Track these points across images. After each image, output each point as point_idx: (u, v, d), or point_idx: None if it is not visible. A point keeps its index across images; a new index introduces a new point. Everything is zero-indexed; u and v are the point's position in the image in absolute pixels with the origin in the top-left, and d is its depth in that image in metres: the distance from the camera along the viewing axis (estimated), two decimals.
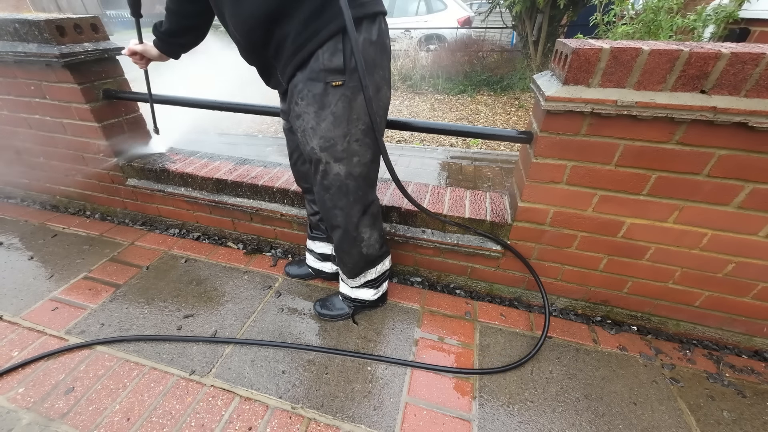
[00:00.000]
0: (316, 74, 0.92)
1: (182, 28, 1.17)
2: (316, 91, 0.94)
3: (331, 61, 0.89)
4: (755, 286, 1.20)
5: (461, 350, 1.33)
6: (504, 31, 7.38)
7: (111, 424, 1.08)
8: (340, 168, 1.05)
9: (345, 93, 0.94)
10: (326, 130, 0.99)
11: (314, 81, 0.93)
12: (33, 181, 2.08)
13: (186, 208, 1.86)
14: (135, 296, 1.54)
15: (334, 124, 0.98)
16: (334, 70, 0.90)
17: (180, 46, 1.24)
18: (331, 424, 1.10)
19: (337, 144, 1.01)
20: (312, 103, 0.96)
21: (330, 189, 1.10)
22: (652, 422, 1.12)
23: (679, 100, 0.91)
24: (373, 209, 1.21)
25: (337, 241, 1.24)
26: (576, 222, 1.24)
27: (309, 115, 0.98)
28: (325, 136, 1.00)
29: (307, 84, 0.94)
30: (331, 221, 1.19)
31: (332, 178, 1.07)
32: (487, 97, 5.28)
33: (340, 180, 1.07)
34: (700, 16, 2.64)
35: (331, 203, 1.13)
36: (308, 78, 0.93)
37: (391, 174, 1.11)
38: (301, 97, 0.97)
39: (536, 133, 1.13)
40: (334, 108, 0.95)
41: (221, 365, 1.25)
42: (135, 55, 1.31)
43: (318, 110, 0.96)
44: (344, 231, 1.18)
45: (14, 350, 1.29)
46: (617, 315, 1.45)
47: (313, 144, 1.02)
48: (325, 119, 0.97)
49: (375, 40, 0.93)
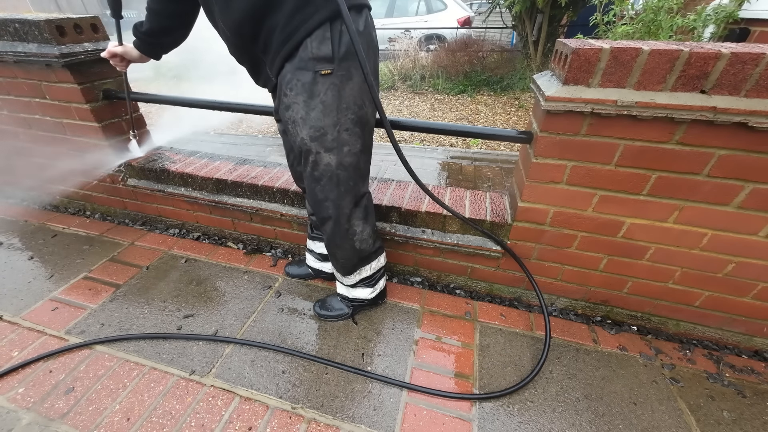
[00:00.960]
0: (304, 63, 0.92)
1: (164, 29, 1.16)
2: (305, 80, 0.94)
3: (319, 49, 0.90)
4: (755, 286, 1.20)
5: (461, 350, 1.33)
6: (504, 31, 7.38)
7: (111, 424, 1.08)
8: (331, 158, 1.05)
9: (334, 81, 0.94)
10: (316, 119, 0.98)
11: (303, 70, 0.93)
12: (33, 180, 2.08)
13: (186, 208, 1.86)
14: (135, 296, 1.54)
15: (324, 113, 0.98)
16: (322, 58, 0.91)
17: (160, 46, 1.24)
18: (331, 424, 1.10)
19: (327, 133, 1.01)
20: (301, 93, 0.96)
21: (321, 180, 1.09)
22: (652, 422, 1.12)
23: (679, 100, 0.91)
24: (365, 202, 1.21)
25: (328, 235, 1.22)
26: (576, 222, 1.24)
27: (298, 105, 0.98)
28: (315, 126, 0.99)
29: (295, 74, 0.94)
30: (321, 213, 1.17)
31: (323, 168, 1.07)
32: (487, 97, 5.28)
33: (331, 170, 1.07)
34: (700, 16, 2.64)
35: (322, 195, 1.12)
36: (297, 67, 0.93)
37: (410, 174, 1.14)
38: (290, 88, 0.97)
39: (536, 133, 1.13)
40: (323, 97, 0.96)
41: (221, 365, 1.25)
42: (115, 57, 1.31)
43: (307, 99, 0.96)
44: (335, 223, 1.17)
45: (14, 350, 1.29)
46: (617, 315, 1.45)
47: (303, 134, 1.02)
48: (314, 108, 0.97)
49: (362, 30, 0.94)
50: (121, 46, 1.29)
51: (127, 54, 1.29)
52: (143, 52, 1.26)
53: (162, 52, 1.27)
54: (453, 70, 5.68)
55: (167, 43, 1.22)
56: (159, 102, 1.63)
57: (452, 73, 5.67)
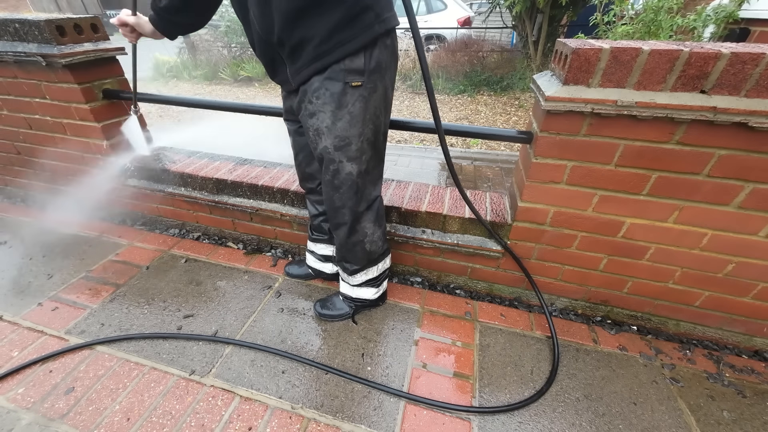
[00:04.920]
0: (335, 74, 0.93)
1: (184, 5, 1.10)
2: (335, 90, 0.94)
3: (352, 62, 0.91)
4: (755, 286, 1.20)
5: (461, 350, 1.33)
6: (504, 31, 7.38)
7: (111, 424, 1.08)
8: (353, 167, 1.06)
9: (363, 93, 0.96)
10: (342, 129, 0.99)
11: (333, 80, 0.93)
12: (33, 180, 2.08)
13: (186, 208, 1.86)
14: (135, 296, 1.54)
15: (351, 123, 0.98)
16: (354, 70, 0.92)
17: (177, 25, 1.17)
18: (331, 424, 1.10)
19: (352, 143, 1.02)
20: (329, 102, 0.96)
21: (340, 188, 1.10)
22: (652, 422, 1.12)
23: (679, 100, 0.91)
24: (377, 205, 1.22)
25: (341, 239, 1.23)
26: (576, 222, 1.24)
27: (325, 113, 0.98)
28: (341, 135, 1.00)
29: (324, 83, 0.94)
30: (337, 219, 1.19)
31: (344, 177, 1.07)
32: (487, 97, 5.28)
33: (352, 179, 1.08)
34: (700, 16, 2.64)
35: (340, 202, 1.13)
36: (326, 77, 0.94)
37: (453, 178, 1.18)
38: (316, 96, 0.97)
39: (536, 133, 1.13)
40: (351, 108, 0.97)
41: (221, 365, 1.25)
42: (126, 26, 1.21)
43: (335, 109, 0.97)
44: (350, 228, 1.19)
45: (14, 350, 1.29)
46: (617, 315, 1.45)
47: (327, 143, 1.03)
48: (341, 118, 0.98)
49: (389, 44, 0.97)
50: (134, 17, 1.21)
51: (138, 26, 1.20)
52: (158, 29, 1.18)
53: (177, 33, 1.20)
54: (453, 70, 5.68)
55: (184, 23, 1.16)
56: (158, 102, 1.63)
57: (452, 73, 5.67)
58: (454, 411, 1.13)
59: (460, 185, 1.25)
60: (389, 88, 1.03)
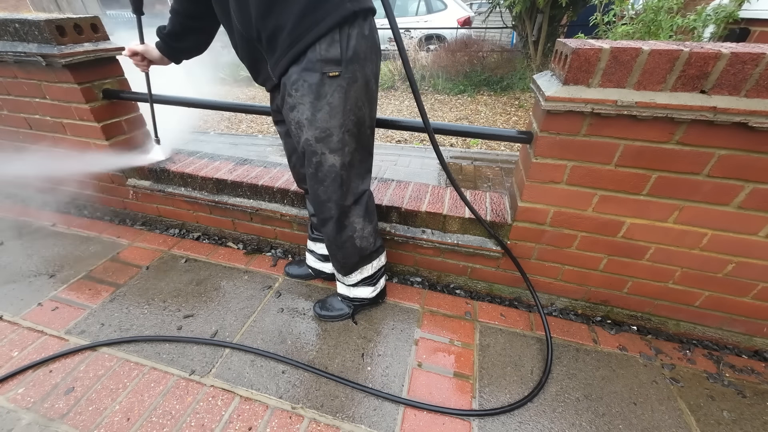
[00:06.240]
0: (312, 65, 0.92)
1: (185, 30, 1.17)
2: (312, 81, 0.94)
3: (328, 51, 0.90)
4: (755, 286, 1.20)
5: (461, 350, 1.33)
6: (504, 31, 7.38)
7: (111, 424, 1.08)
8: (335, 159, 1.05)
9: (341, 83, 0.95)
10: (322, 120, 0.99)
11: (310, 71, 0.93)
12: (33, 180, 2.08)
13: (186, 208, 1.86)
14: (135, 296, 1.54)
15: (330, 114, 0.98)
16: (330, 60, 0.91)
17: (182, 50, 1.25)
18: (331, 424, 1.10)
19: (333, 135, 1.01)
20: (307, 93, 0.96)
21: (324, 181, 1.09)
22: (652, 422, 1.12)
23: (679, 100, 0.91)
24: (366, 199, 1.20)
25: (330, 234, 1.21)
26: (576, 222, 1.24)
27: (304, 105, 0.98)
28: (321, 127, 1.00)
29: (302, 74, 0.94)
30: (323, 214, 1.17)
31: (327, 169, 1.07)
32: (487, 97, 5.28)
33: (335, 171, 1.07)
34: (700, 16, 2.64)
35: (325, 196, 1.12)
36: (304, 68, 0.93)
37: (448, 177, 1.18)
38: (295, 88, 0.97)
39: (536, 133, 1.13)
40: (330, 98, 0.96)
41: (221, 365, 1.25)
42: (136, 56, 1.29)
43: (314, 100, 0.96)
44: (337, 221, 1.17)
45: (14, 350, 1.29)
46: (617, 315, 1.45)
47: (308, 135, 1.02)
48: (320, 109, 0.97)
49: (367, 35, 0.95)
50: (143, 45, 1.28)
51: (147, 53, 1.28)
52: (165, 55, 1.26)
53: (182, 57, 1.28)
54: (453, 70, 5.68)
55: (188, 47, 1.24)
56: (158, 102, 1.62)
57: (452, 73, 5.67)
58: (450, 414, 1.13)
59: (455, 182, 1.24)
60: (371, 80, 1.02)
